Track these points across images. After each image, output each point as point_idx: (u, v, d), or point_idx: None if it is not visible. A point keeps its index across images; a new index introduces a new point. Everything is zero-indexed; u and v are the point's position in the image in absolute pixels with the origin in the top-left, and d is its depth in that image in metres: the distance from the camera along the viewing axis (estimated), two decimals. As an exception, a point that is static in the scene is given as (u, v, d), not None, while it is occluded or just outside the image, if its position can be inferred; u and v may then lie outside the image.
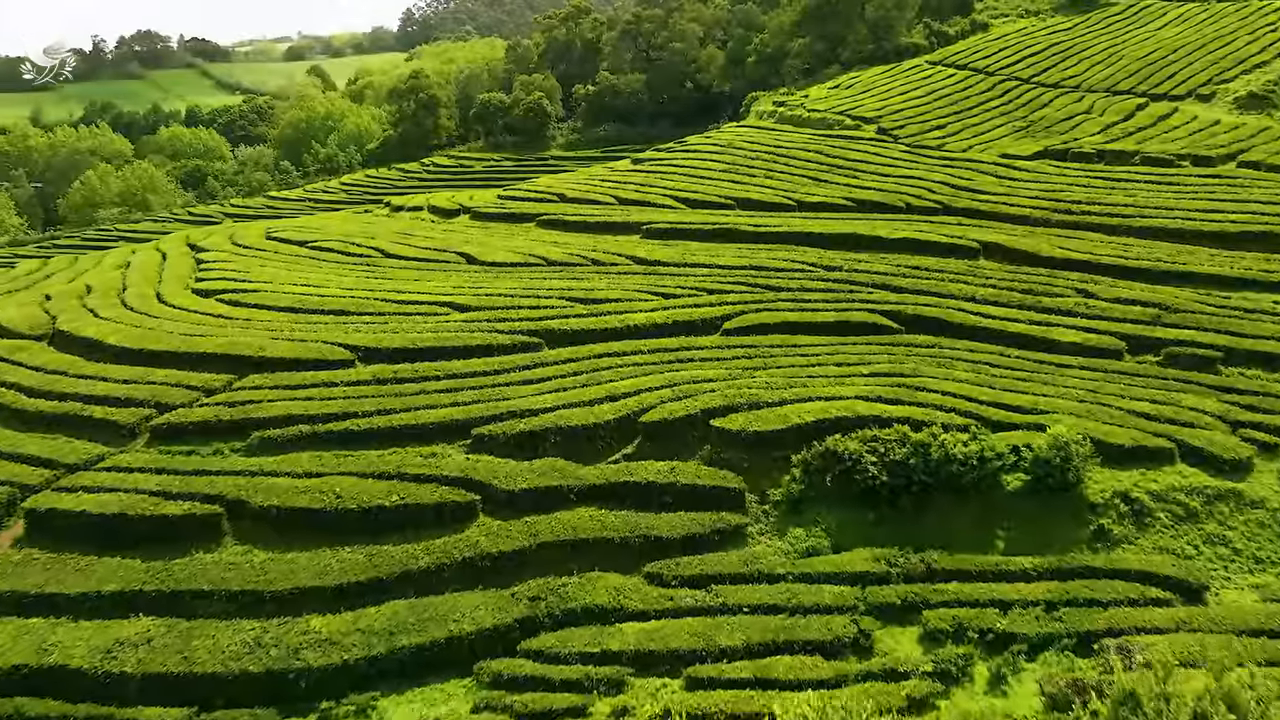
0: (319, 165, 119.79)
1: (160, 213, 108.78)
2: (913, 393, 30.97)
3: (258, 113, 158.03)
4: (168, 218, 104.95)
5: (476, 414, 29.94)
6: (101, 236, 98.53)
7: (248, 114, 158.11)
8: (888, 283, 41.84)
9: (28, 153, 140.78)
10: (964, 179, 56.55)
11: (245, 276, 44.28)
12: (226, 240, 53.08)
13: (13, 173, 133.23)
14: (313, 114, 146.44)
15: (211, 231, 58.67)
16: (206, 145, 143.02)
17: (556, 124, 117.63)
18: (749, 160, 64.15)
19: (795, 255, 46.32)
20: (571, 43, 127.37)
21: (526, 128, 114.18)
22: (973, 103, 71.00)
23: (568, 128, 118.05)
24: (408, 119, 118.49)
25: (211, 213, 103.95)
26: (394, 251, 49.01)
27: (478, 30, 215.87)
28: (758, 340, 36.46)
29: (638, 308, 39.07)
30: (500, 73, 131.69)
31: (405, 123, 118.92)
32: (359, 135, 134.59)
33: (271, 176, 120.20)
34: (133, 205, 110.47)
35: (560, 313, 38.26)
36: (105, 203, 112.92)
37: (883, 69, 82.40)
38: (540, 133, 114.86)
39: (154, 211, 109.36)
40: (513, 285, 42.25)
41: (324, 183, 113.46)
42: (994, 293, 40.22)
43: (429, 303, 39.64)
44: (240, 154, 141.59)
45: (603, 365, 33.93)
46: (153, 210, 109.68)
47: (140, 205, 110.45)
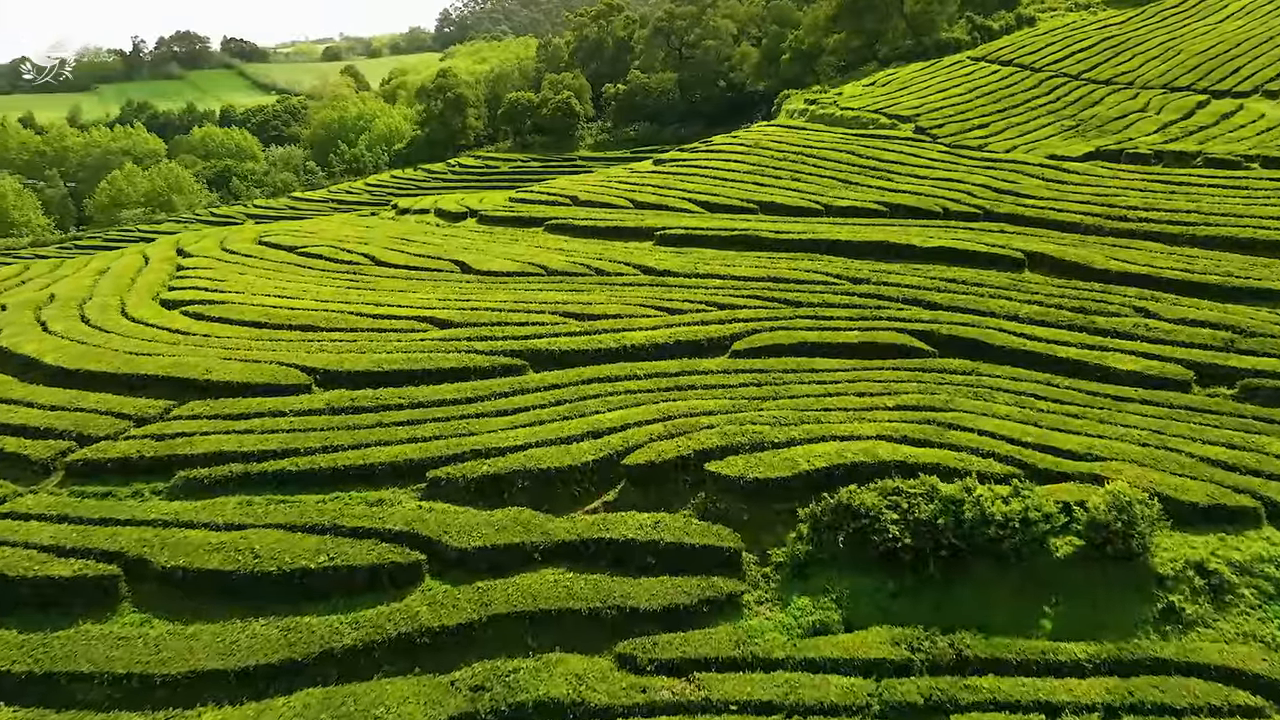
0: (345, 166, 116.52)
1: (183, 213, 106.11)
2: (944, 432, 26.15)
3: (291, 113, 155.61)
4: (190, 218, 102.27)
5: (434, 453, 25.55)
6: (123, 237, 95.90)
7: (281, 114, 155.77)
8: (920, 298, 36.99)
9: (64, 153, 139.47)
10: (1007, 181, 51.42)
11: (218, 286, 40.33)
12: (216, 245, 49.27)
13: (47, 172, 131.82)
14: (345, 114, 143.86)
15: (205, 235, 54.99)
16: (239, 145, 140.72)
17: (586, 124, 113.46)
18: (775, 161, 59.37)
19: (818, 265, 41.55)
20: (603, 41, 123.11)
21: (555, 128, 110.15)
22: (1018, 100, 65.67)
23: (597, 128, 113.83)
24: (434, 119, 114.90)
25: (233, 213, 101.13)
26: (385, 259, 44.86)
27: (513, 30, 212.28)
28: (770, 364, 31.80)
29: (638, 325, 34.55)
30: (531, 72, 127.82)
31: (432, 122, 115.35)
32: (390, 135, 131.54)
33: (297, 177, 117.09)
34: (156, 205, 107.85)
35: (550, 330, 33.82)
36: (131, 203, 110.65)
37: (921, 65, 77.17)
38: (568, 133, 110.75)
39: (177, 212, 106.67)
40: (504, 298, 37.90)
41: (348, 183, 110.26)
42: (1040, 311, 35.20)
43: (407, 317, 35.39)
44: (271, 154, 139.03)
45: (590, 393, 29.43)
46: (176, 210, 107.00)
47: (164, 205, 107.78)
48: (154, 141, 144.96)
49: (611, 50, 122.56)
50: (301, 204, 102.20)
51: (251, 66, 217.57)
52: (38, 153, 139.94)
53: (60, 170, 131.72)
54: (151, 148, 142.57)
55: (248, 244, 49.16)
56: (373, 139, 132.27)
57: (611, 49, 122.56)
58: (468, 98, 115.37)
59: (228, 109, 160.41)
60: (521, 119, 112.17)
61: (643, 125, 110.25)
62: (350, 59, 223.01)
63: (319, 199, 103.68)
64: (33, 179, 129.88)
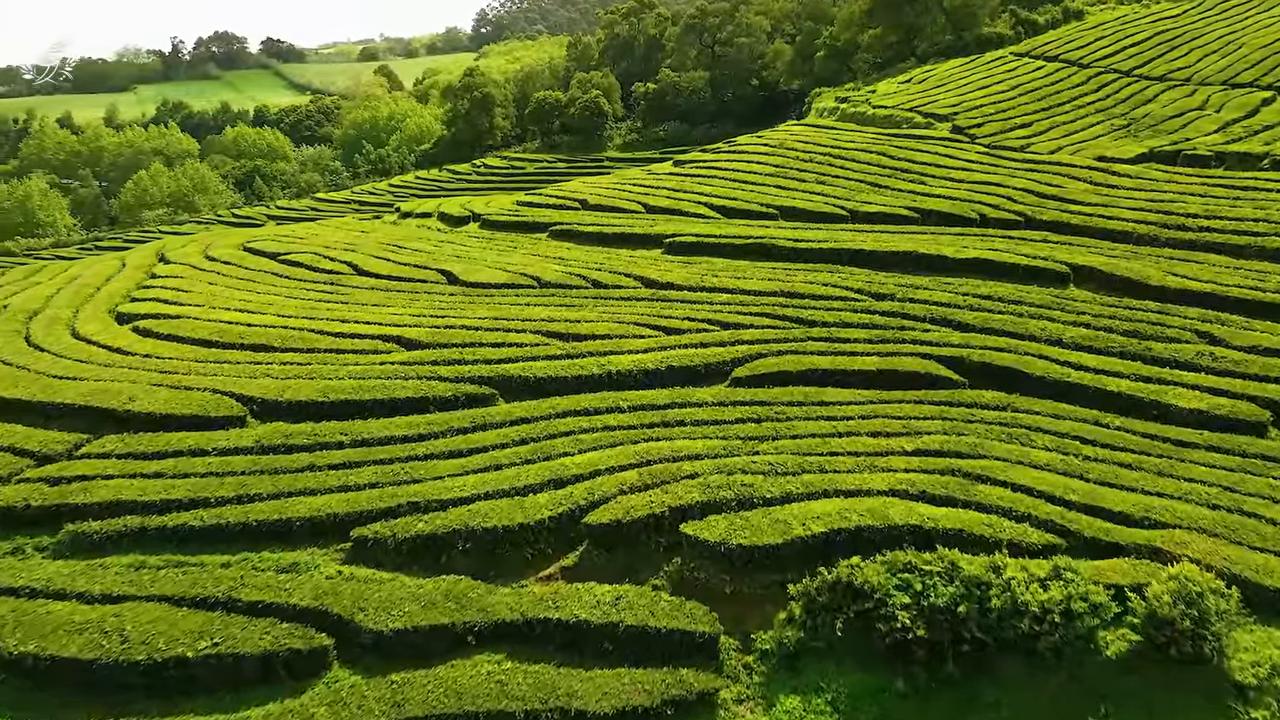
0: (369, 166, 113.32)
1: (205, 214, 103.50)
2: (970, 486, 21.67)
3: (324, 113, 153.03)
4: (211, 219, 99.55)
5: (364, 506, 21.51)
6: (143, 238, 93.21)
7: (314, 114, 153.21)
8: (949, 317, 32.43)
9: (99, 153, 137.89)
10: (1052, 185, 46.52)
11: (179, 298, 36.72)
12: (198, 251, 45.73)
13: (80, 172, 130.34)
14: (376, 114, 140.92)
15: (193, 239, 51.50)
16: (270, 145, 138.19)
17: (615, 123, 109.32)
18: (800, 163, 54.82)
19: (839, 278, 37.09)
20: (634, 39, 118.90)
21: (582, 128, 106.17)
22: (1064, 98, 60.49)
23: (626, 127, 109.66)
24: (460, 119, 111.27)
25: (254, 214, 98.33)
26: (368, 268, 40.99)
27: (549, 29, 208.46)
28: (774, 395, 27.42)
29: (628, 347, 30.32)
30: (561, 71, 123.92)
31: (458, 123, 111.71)
32: (420, 136, 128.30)
33: (322, 178, 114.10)
34: (179, 206, 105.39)
35: (529, 353, 29.71)
36: (156, 203, 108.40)
37: (961, 61, 72.12)
38: (596, 133, 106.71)
39: (200, 212, 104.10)
40: (485, 314, 33.85)
41: (372, 184, 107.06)
42: (1087, 334, 30.48)
43: (372, 336, 31.45)
44: (301, 154, 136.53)
45: (562, 429, 25.24)
46: (199, 211, 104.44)
47: (187, 206, 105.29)
48: (187, 141, 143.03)
49: (642, 48, 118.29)
50: (323, 205, 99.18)
51: (288, 67, 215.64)
52: (74, 153, 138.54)
53: (94, 170, 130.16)
54: (184, 147, 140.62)
55: (231, 250, 45.55)
56: (403, 139, 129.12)
57: (642, 47, 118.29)
58: (494, 97, 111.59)
59: (261, 109, 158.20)
60: (549, 119, 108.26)
61: (672, 125, 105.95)
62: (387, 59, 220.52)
63: (340, 200, 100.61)
64: (68, 179, 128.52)
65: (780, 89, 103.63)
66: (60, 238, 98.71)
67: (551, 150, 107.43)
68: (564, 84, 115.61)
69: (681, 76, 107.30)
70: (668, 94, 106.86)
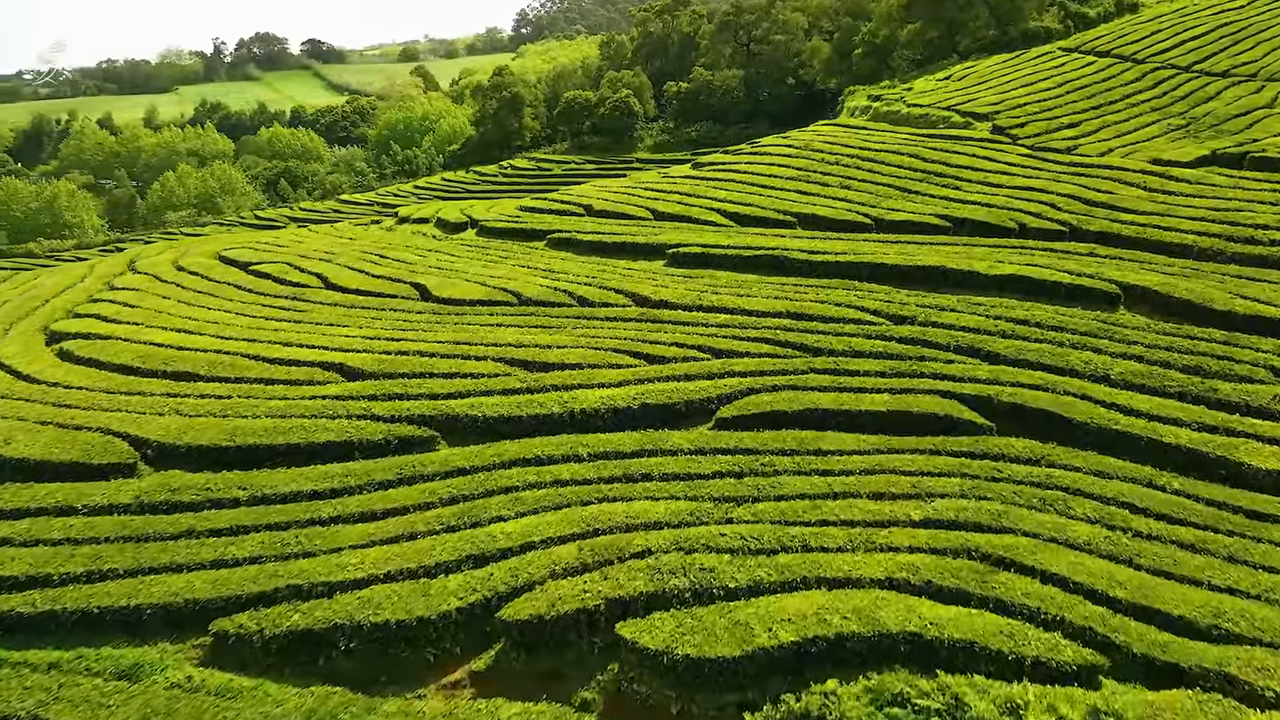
0: (396, 168, 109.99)
1: (228, 215, 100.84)
2: (988, 575, 17.00)
3: (360, 113, 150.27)
4: (234, 221, 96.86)
5: (234, 589, 17.37)
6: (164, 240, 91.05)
7: (350, 114, 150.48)
8: (977, 345, 27.64)
9: (136, 153, 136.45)
10: (1101, 192, 41.34)
11: (121, 315, 33.08)
12: (169, 261, 42.17)
13: (116, 173, 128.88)
14: (410, 114, 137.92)
15: (169, 246, 48.12)
16: (304, 146, 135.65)
17: (646, 123, 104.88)
18: (825, 166, 50.01)
19: (854, 297, 32.42)
20: (668, 37, 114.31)
21: (612, 128, 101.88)
22: (1116, 95, 54.97)
23: (658, 128, 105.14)
24: (489, 119, 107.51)
25: (276, 216, 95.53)
26: (338, 280, 37.03)
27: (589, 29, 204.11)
28: (764, 440, 22.91)
29: (600, 379, 25.94)
30: (594, 70, 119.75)
31: (487, 123, 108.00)
32: (452, 136, 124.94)
33: (348, 179, 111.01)
34: (202, 207, 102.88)
35: (484, 385, 25.45)
36: (183, 204, 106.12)
37: (1004, 57, 66.69)
38: (627, 133, 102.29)
39: (222, 214, 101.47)
40: (448, 336, 29.66)
41: (397, 186, 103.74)
42: (1140, 370, 25.53)
43: (313, 364, 27.39)
44: (334, 154, 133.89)
45: (502, 483, 20.94)
46: (221, 212, 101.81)
47: (210, 207, 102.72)
48: (223, 142, 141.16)
49: (676, 47, 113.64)
50: (346, 207, 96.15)
51: (327, 68, 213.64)
52: (112, 153, 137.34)
53: (129, 171, 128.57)
54: (220, 148, 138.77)
55: (204, 259, 41.86)
56: (437, 140, 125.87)
57: (676, 46, 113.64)
58: (523, 97, 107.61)
59: (298, 109, 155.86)
60: (579, 119, 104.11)
61: (705, 125, 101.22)
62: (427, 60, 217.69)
63: (364, 202, 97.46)
64: (105, 180, 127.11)
65: (817, 88, 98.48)
66: (82, 239, 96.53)
67: (581, 151, 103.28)
68: (595, 83, 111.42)
69: (715, 75, 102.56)
70: (701, 93, 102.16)
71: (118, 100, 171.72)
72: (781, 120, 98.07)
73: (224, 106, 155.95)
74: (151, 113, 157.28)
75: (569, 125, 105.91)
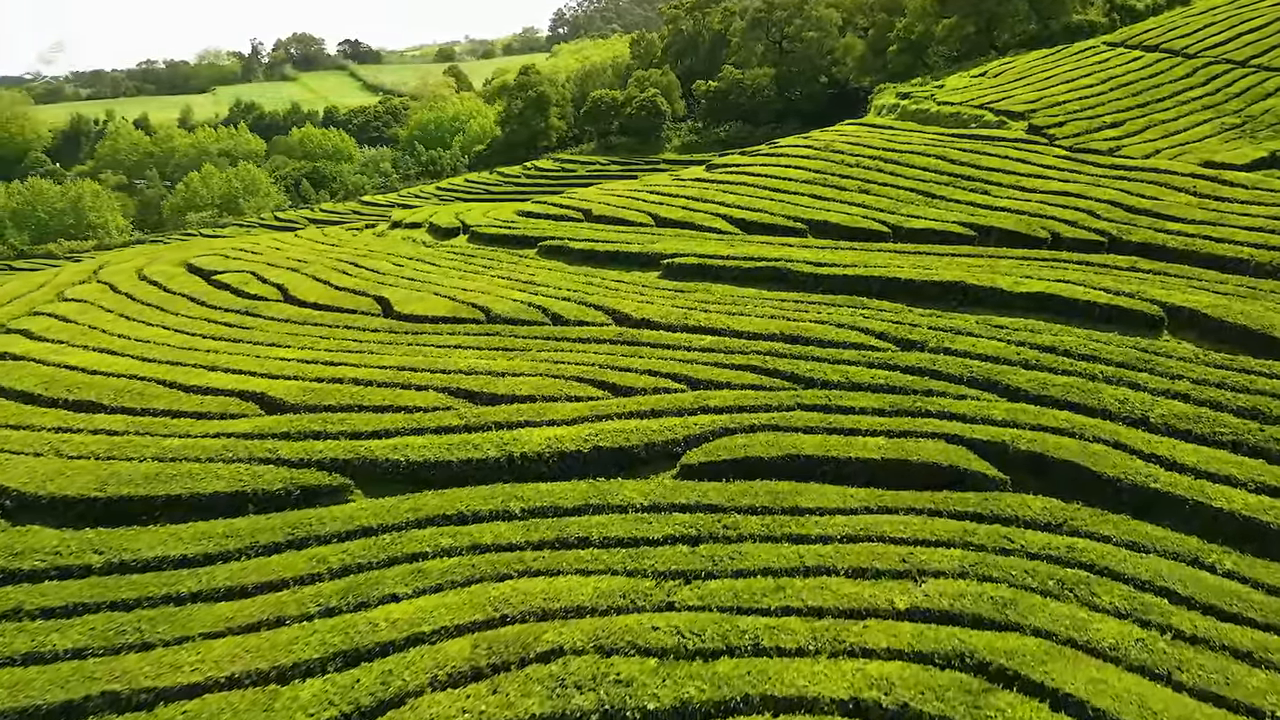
0: (420, 168, 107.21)
1: (249, 216, 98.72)
2: (982, 698, 13.15)
3: (392, 113, 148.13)
4: (254, 222, 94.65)
5: (33, 698, 13.86)
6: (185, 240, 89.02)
7: (382, 115, 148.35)
8: (996, 378, 23.65)
9: (170, 154, 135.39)
10: (1145, 197, 37.01)
11: (48, 333, 30.11)
12: (132, 270, 39.35)
13: (148, 172, 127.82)
14: (441, 114, 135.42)
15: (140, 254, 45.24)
16: (335, 146, 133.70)
17: (674, 123, 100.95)
18: (844, 169, 45.98)
19: (859, 317, 28.50)
20: (698, 35, 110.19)
21: (640, 128, 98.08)
22: (1164, 92, 50.30)
23: (686, 128, 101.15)
24: (514, 119, 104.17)
25: (296, 218, 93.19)
26: (298, 292, 33.83)
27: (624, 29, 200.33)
28: (731, 494, 19.18)
29: (551, 415, 22.32)
30: (623, 69, 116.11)
31: (512, 122, 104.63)
32: (482, 136, 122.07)
33: (370, 179, 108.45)
34: (224, 208, 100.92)
35: (417, 422, 21.95)
36: (206, 205, 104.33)
37: (1044, 53, 62.04)
38: (654, 134, 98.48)
39: (243, 215, 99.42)
40: (394, 361, 26.21)
41: (419, 187, 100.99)
42: (1185, 412, 21.41)
43: (231, 392, 24.06)
44: (363, 154, 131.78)
45: (407, 549, 17.37)
46: (242, 213, 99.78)
47: (231, 208, 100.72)
48: (255, 142, 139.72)
49: (707, 45, 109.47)
50: (366, 208, 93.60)
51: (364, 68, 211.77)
52: (146, 154, 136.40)
53: (161, 171, 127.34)
54: (252, 148, 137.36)
55: (170, 266, 38.93)
56: (466, 140, 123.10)
57: (707, 43, 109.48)
58: (550, 96, 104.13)
59: (331, 109, 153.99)
60: (605, 119, 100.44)
61: (734, 125, 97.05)
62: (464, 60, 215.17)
63: (385, 203, 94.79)
64: (139, 180, 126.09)
65: (851, 86, 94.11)
66: (102, 240, 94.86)
67: (607, 152, 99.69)
68: (624, 83, 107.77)
69: (745, 74, 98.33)
70: (730, 92, 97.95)
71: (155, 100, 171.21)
72: (814, 120, 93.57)
73: (258, 107, 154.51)
74: (186, 113, 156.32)
75: (596, 125, 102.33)
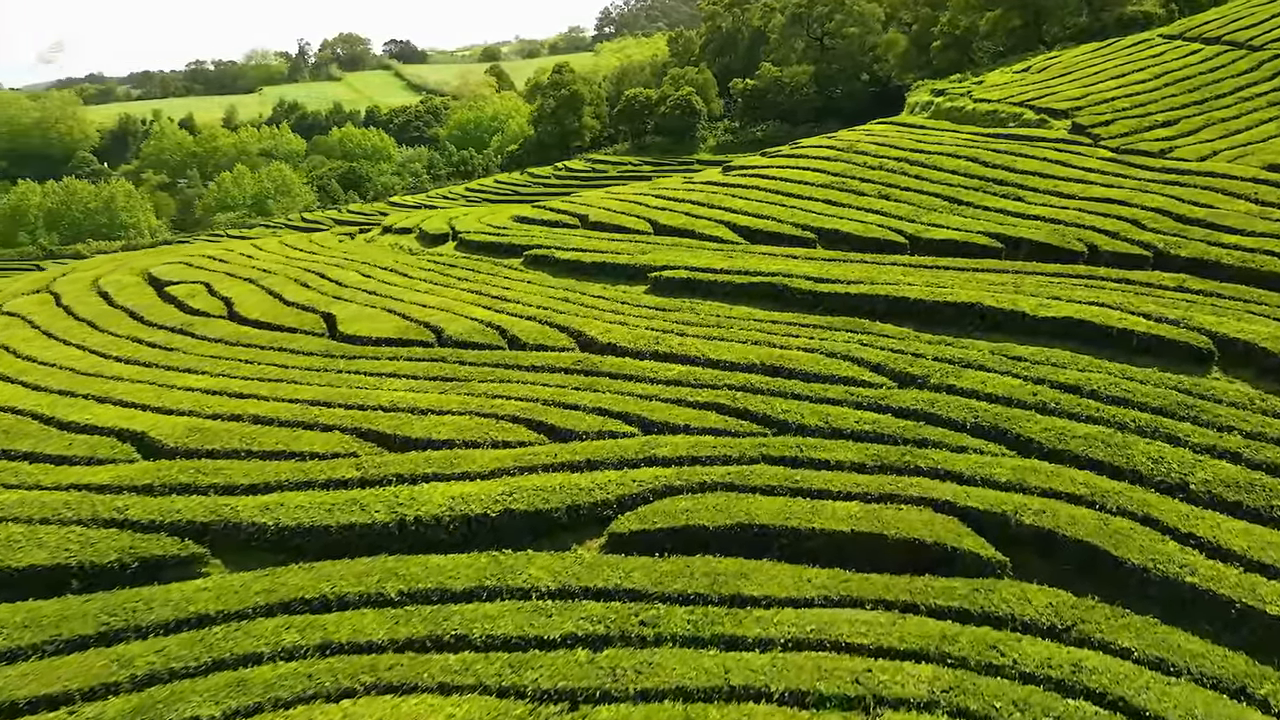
0: (451, 169, 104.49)
1: (277, 217, 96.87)
2: None
3: (433, 113, 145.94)
4: (280, 223, 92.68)
5: None
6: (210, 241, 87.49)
7: (423, 114, 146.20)
8: (1005, 425, 19.55)
9: (212, 153, 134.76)
10: (1198, 205, 32.41)
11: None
12: (88, 280, 36.53)
13: (189, 172, 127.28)
14: (480, 114, 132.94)
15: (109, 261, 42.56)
16: (374, 146, 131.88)
17: (710, 123, 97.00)
18: (865, 171, 41.76)
19: (857, 344, 24.51)
20: (737, 32, 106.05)
21: (674, 128, 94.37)
22: (1225, 88, 45.19)
23: (722, 127, 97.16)
24: (547, 118, 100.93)
25: (322, 219, 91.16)
26: (244, 307, 30.66)
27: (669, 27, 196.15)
28: (661, 576, 15.45)
29: (466, 466, 18.71)
30: (660, 67, 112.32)
31: (545, 122, 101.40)
32: (520, 136, 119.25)
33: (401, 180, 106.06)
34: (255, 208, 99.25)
35: (304, 474, 18.50)
36: (239, 205, 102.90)
37: (1093, 46, 56.98)
38: (688, 133, 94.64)
39: (271, 215, 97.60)
40: (310, 394, 22.81)
41: (448, 188, 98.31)
42: (1236, 477, 17.15)
43: (110, 431, 20.86)
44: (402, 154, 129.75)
45: (241, 648, 13.86)
46: (270, 214, 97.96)
47: (260, 209, 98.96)
48: (296, 141, 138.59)
49: (746, 42, 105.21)
50: (393, 209, 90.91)
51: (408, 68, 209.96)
52: (190, 154, 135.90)
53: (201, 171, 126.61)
54: (293, 148, 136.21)
55: (128, 275, 36.12)
56: (505, 140, 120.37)
57: (746, 40, 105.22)
58: (583, 95, 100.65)
59: (373, 109, 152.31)
60: (640, 118, 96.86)
61: (772, 125, 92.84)
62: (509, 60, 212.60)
63: (412, 204, 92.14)
64: (181, 179, 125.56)
65: (893, 84, 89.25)
66: (130, 240, 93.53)
67: (641, 152, 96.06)
68: (660, 81, 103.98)
69: (784, 71, 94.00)
70: (768, 91, 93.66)
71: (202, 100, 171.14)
72: (854, 119, 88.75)
73: (301, 106, 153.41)
74: (231, 113, 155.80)
75: (630, 125, 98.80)
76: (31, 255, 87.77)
